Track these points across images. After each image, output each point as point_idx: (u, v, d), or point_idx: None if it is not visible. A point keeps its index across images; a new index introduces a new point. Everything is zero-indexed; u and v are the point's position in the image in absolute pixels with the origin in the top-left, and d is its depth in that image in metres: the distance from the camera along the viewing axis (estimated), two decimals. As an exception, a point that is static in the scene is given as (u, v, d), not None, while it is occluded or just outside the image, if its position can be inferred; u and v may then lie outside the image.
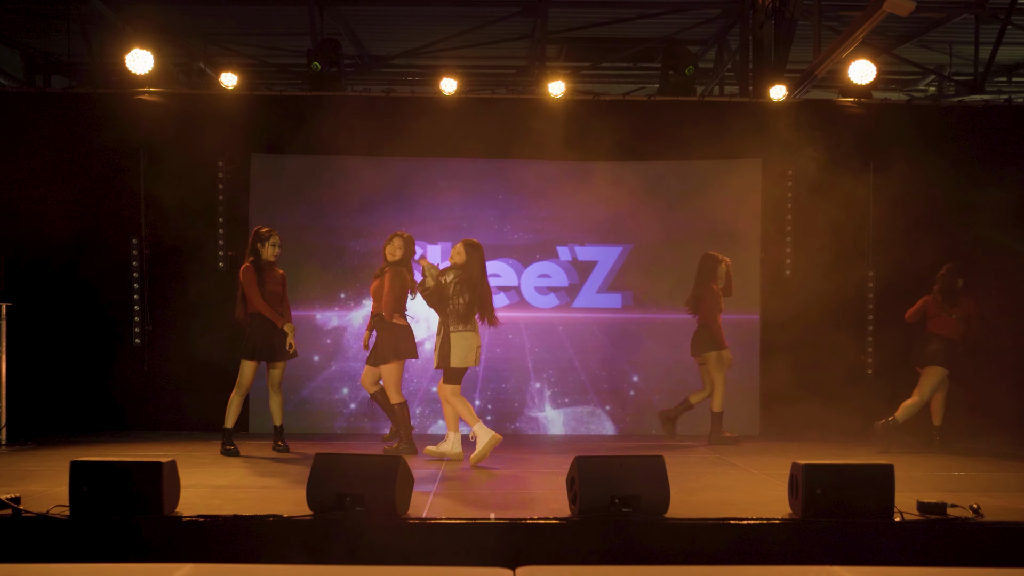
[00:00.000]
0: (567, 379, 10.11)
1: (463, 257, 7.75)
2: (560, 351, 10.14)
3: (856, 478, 5.25)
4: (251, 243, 8.11)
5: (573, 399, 10.09)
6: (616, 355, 10.13)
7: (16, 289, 8.94)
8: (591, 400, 10.09)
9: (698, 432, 9.83)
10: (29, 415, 9.14)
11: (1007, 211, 9.79)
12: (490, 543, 5.11)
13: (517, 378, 10.09)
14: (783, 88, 9.92)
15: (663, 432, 9.40)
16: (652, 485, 5.29)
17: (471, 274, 7.69)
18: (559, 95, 9.93)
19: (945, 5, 11.04)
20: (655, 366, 10.08)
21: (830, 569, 4.51)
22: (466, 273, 7.69)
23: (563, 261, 10.19)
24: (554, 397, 10.11)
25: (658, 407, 9.79)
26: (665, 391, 9.93)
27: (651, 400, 10.03)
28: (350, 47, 12.14)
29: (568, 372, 10.12)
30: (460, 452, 7.74)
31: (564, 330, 10.16)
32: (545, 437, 9.80)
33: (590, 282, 10.18)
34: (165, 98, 9.95)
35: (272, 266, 8.09)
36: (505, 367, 10.10)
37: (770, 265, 10.10)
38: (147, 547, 5.02)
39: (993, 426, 9.33)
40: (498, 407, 10.06)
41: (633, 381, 10.10)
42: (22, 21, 11.36)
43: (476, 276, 7.70)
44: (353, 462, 5.41)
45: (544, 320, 10.16)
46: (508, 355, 10.10)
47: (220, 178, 9.89)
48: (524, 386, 10.09)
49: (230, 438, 8.01)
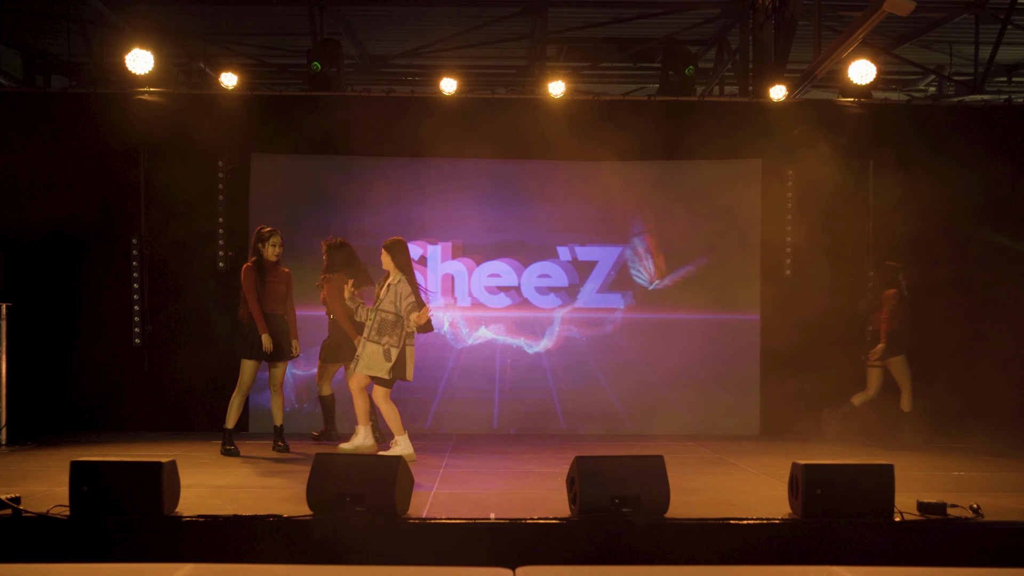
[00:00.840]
0: (577, 378, 10.11)
1: (392, 264, 7.62)
2: (570, 352, 10.14)
3: (856, 478, 5.25)
4: (252, 243, 8.12)
5: (584, 398, 10.08)
6: (608, 354, 10.12)
7: (16, 289, 8.94)
8: (601, 396, 10.06)
9: (699, 432, 9.84)
10: (29, 415, 9.14)
11: (1007, 211, 9.80)
12: (490, 543, 5.11)
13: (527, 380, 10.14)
14: (783, 88, 9.92)
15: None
16: (652, 485, 5.29)
17: (415, 283, 7.61)
18: (559, 95, 9.93)
19: (945, 5, 11.03)
20: (665, 364, 10.06)
21: (830, 569, 4.51)
22: (413, 282, 7.59)
23: (563, 261, 10.18)
24: (565, 396, 10.11)
25: (659, 405, 9.83)
26: (673, 389, 9.96)
27: (661, 398, 10.02)
28: (350, 47, 12.13)
29: (578, 371, 10.12)
30: (374, 444, 7.74)
31: (566, 329, 10.16)
32: (555, 433, 9.77)
33: (591, 281, 10.18)
34: (165, 98, 9.96)
35: (275, 265, 8.09)
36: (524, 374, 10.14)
37: (770, 265, 10.10)
38: (147, 547, 5.02)
39: (987, 425, 9.37)
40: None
41: (639, 380, 10.08)
42: (22, 21, 11.36)
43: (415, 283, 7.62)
44: (353, 462, 5.42)
45: (546, 319, 10.16)
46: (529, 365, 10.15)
47: (220, 178, 9.89)
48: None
49: (230, 438, 8.01)
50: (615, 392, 10.10)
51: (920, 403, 9.42)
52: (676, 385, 10.02)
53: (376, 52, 12.75)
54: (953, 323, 9.69)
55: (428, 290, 9.82)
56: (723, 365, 10.06)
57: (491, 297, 10.15)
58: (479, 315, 10.12)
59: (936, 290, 9.69)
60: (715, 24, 11.81)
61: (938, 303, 9.68)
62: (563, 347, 10.13)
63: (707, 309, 10.07)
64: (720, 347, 10.08)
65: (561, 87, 9.92)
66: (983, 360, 9.54)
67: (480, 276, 10.14)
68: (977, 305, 9.70)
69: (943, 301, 9.67)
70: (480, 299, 10.15)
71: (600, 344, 10.13)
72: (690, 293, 10.07)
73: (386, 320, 7.45)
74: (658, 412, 9.98)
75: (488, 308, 10.13)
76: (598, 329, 10.15)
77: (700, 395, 10.04)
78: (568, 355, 10.12)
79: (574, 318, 10.15)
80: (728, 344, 10.08)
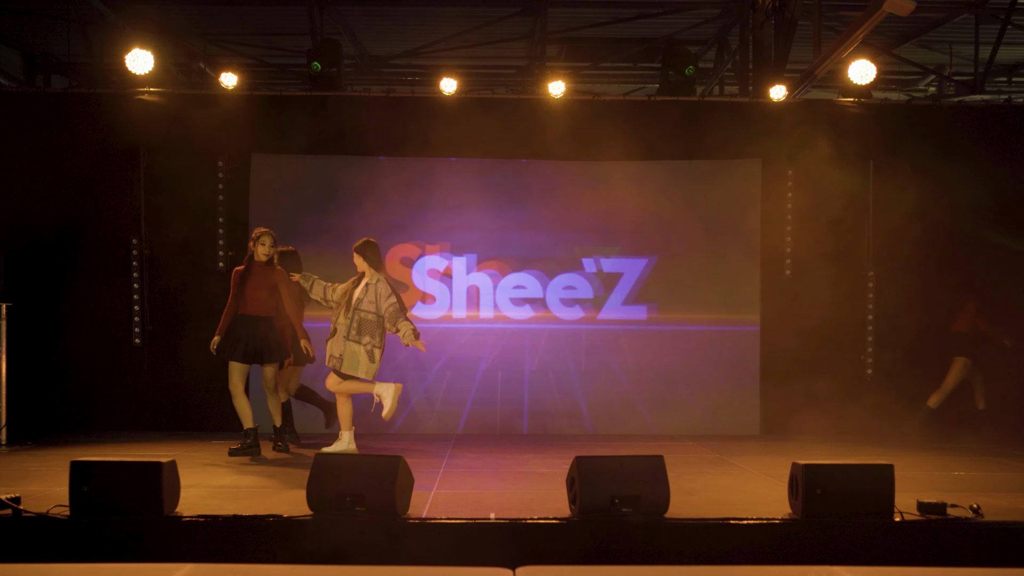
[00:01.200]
0: (602, 385, 10.13)
1: (366, 264, 7.64)
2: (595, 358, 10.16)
3: (856, 478, 5.25)
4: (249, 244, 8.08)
5: (608, 403, 10.09)
6: (609, 354, 10.12)
7: (16, 289, 8.94)
8: (627, 401, 10.07)
9: (699, 432, 9.84)
10: (29, 415, 9.14)
11: (1007, 210, 9.80)
12: (490, 543, 5.11)
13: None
14: (783, 88, 9.92)
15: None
16: (652, 485, 5.29)
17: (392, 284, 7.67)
18: (559, 95, 9.92)
19: (945, 5, 11.03)
20: (650, 364, 10.07)
21: (830, 569, 4.51)
22: (391, 283, 7.63)
23: (588, 271, 10.18)
24: (590, 400, 10.11)
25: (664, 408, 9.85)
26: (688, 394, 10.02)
27: (661, 397, 10.03)
28: (350, 47, 12.13)
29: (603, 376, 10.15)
30: (356, 448, 7.69)
31: (589, 338, 10.16)
32: (577, 437, 9.77)
33: (596, 282, 10.20)
34: (165, 98, 9.95)
35: (263, 266, 7.92)
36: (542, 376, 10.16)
37: (770, 265, 10.09)
38: (147, 547, 5.02)
39: (986, 425, 9.40)
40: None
41: (627, 379, 10.08)
42: (22, 21, 11.36)
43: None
44: (353, 462, 5.43)
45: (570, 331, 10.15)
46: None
47: (220, 178, 9.89)
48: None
49: (251, 435, 7.89)
50: (636, 394, 10.10)
51: (921, 403, 9.44)
52: (676, 385, 10.02)
53: (376, 52, 12.75)
54: (952, 323, 9.69)
55: (429, 295, 9.87)
56: (723, 365, 10.06)
57: (516, 309, 10.17)
58: (504, 327, 10.14)
59: (936, 290, 9.69)
60: (715, 24, 11.81)
61: (938, 303, 9.68)
62: (583, 356, 10.17)
63: (706, 309, 10.07)
64: (720, 347, 10.08)
65: (561, 87, 9.92)
66: (983, 360, 9.55)
67: (504, 288, 10.17)
68: (977, 305, 9.69)
69: (943, 301, 9.67)
70: (504, 311, 10.17)
71: (630, 351, 10.15)
72: (690, 292, 10.07)
73: (366, 320, 7.44)
74: (659, 412, 9.97)
75: (511, 319, 10.16)
76: (625, 338, 10.15)
77: (700, 395, 10.04)
78: (591, 361, 10.13)
79: (600, 329, 10.13)
80: (727, 344, 10.07)
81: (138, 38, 9.77)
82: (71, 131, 9.71)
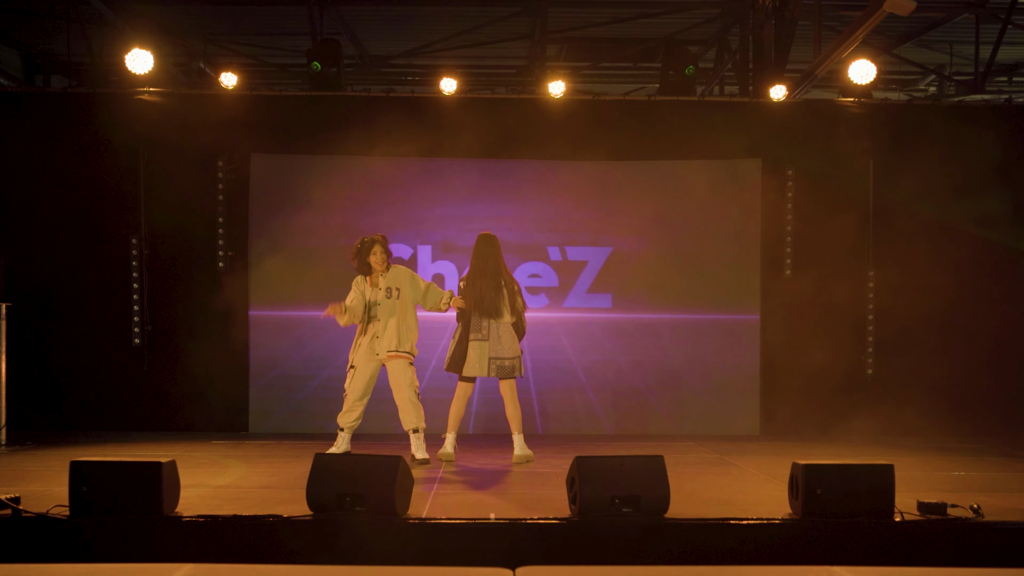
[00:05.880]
0: (562, 377, 10.10)
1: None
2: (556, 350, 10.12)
3: (856, 478, 5.25)
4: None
5: (567, 396, 10.06)
6: (609, 354, 10.11)
7: (16, 289, 8.94)
8: (586, 398, 10.06)
9: (699, 432, 9.84)
10: (29, 415, 9.14)
11: (1007, 210, 9.80)
12: (490, 543, 5.11)
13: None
14: (783, 88, 9.92)
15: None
16: (652, 485, 5.28)
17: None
18: (559, 95, 9.92)
19: (945, 5, 11.03)
20: (650, 364, 10.07)
21: (830, 569, 4.51)
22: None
23: (554, 261, 10.18)
24: (547, 394, 10.08)
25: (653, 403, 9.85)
26: (656, 387, 9.98)
27: (660, 398, 10.02)
28: (350, 47, 12.13)
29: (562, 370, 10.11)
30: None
31: (558, 328, 10.14)
32: (541, 435, 9.78)
33: (581, 282, 10.17)
34: (165, 98, 9.95)
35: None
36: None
37: (770, 265, 10.09)
38: (147, 547, 5.02)
39: (987, 424, 9.41)
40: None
41: (627, 379, 10.08)
42: (22, 21, 11.36)
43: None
44: (353, 462, 5.42)
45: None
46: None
47: (220, 178, 9.88)
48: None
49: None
50: (610, 390, 10.10)
51: (920, 403, 9.43)
52: (675, 385, 10.02)
53: (376, 52, 12.75)
54: (953, 322, 9.70)
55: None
56: (722, 365, 10.05)
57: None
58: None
59: (936, 289, 9.69)
60: (715, 24, 11.81)
61: (938, 302, 9.68)
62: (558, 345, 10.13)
63: (706, 309, 10.07)
64: (720, 347, 10.06)
65: (561, 87, 9.91)
66: (983, 360, 9.55)
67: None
68: (976, 304, 9.69)
69: (943, 300, 9.67)
70: None
71: (594, 342, 10.12)
72: (690, 293, 10.06)
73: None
74: (657, 412, 9.97)
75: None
76: (592, 328, 10.14)
77: (699, 395, 10.04)
78: (564, 353, 10.11)
79: (566, 318, 10.12)
80: (727, 344, 10.06)
81: (138, 38, 9.76)
82: (71, 131, 9.71)
